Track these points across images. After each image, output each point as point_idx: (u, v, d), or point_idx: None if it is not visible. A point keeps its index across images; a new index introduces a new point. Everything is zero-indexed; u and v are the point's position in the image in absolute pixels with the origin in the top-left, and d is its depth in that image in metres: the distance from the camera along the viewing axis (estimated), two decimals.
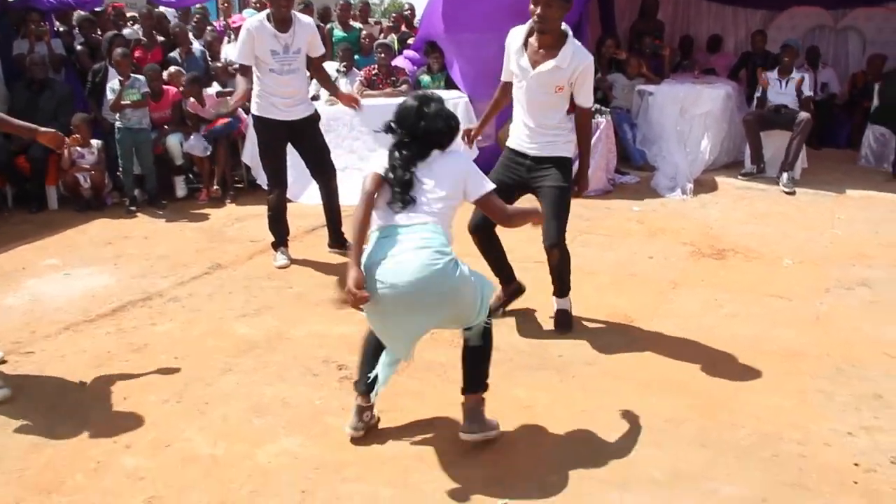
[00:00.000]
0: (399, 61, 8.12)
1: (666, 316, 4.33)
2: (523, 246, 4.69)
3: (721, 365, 3.72)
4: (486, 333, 3.04)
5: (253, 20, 5.07)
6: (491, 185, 3.00)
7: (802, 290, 4.66)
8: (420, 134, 2.92)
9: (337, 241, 5.50)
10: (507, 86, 4.14)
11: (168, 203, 7.06)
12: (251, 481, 2.85)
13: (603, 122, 6.96)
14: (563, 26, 3.82)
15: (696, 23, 10.15)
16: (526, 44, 3.89)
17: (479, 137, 7.21)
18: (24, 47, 7.37)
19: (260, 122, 5.21)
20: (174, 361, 3.86)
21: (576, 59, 3.79)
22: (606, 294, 4.67)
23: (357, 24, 9.20)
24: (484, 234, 4.15)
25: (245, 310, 4.53)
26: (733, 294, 4.64)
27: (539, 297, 4.40)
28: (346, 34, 8.70)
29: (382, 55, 7.55)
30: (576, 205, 6.53)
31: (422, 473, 2.87)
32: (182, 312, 4.52)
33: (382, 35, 9.26)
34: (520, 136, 4.05)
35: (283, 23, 4.98)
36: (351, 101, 5.92)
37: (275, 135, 5.20)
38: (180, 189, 7.32)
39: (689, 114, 7.65)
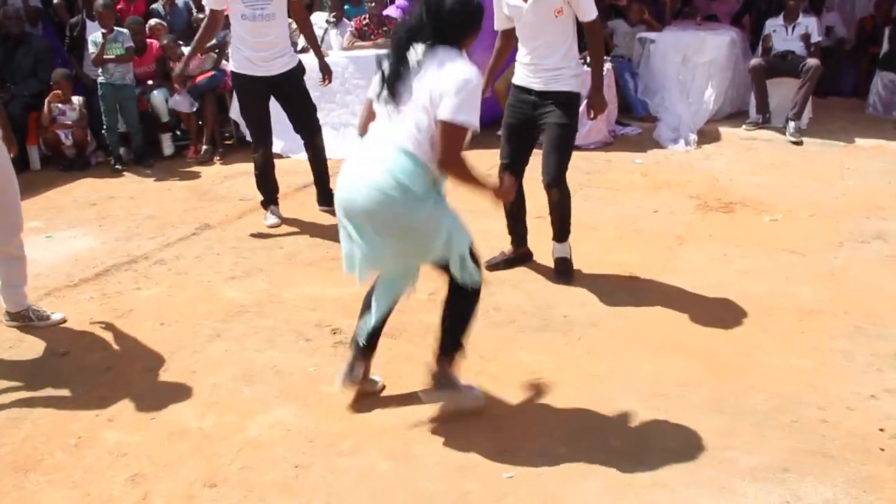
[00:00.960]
0: (391, 11, 7.81)
1: (674, 272, 4.15)
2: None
3: (734, 324, 3.55)
4: (467, 294, 2.76)
5: None
6: (465, 119, 2.47)
7: (816, 245, 4.47)
8: (432, 12, 2.54)
9: (325, 200, 5.15)
10: (506, 34, 3.94)
11: (155, 162, 6.83)
12: (242, 456, 2.68)
13: (603, 70, 6.68)
14: None
15: None
16: None
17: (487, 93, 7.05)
18: None
19: (236, 79, 4.84)
20: (160, 328, 3.68)
21: None
22: (611, 250, 4.48)
23: None
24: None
25: (234, 272, 4.34)
26: (743, 249, 4.46)
27: (541, 254, 4.22)
28: None
29: (373, 4, 7.24)
30: (575, 157, 6.35)
31: (422, 445, 2.71)
32: (168, 276, 4.33)
33: None
34: (523, 72, 3.89)
35: None
36: (324, 77, 5.12)
37: (253, 92, 4.77)
38: (167, 147, 7.07)
39: (691, 62, 7.38)
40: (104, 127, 6.64)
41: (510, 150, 3.98)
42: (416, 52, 2.56)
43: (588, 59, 4.08)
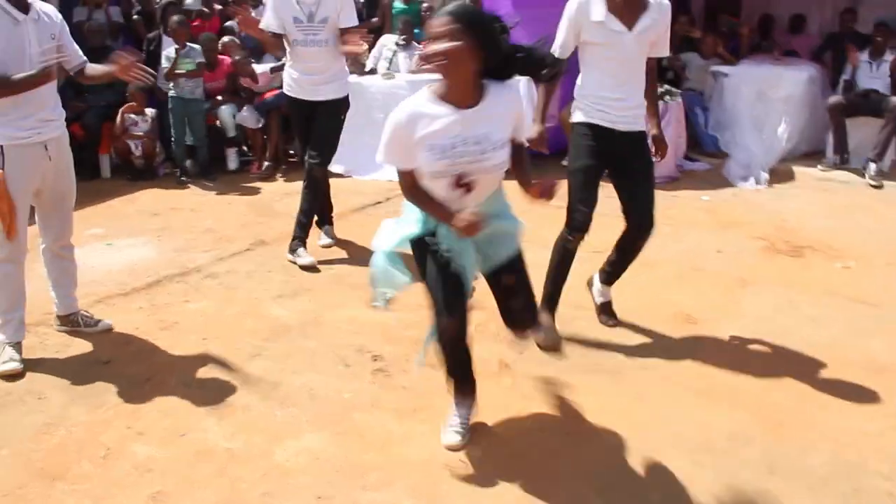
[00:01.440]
0: None
1: (733, 317, 3.95)
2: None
3: (794, 376, 3.33)
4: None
5: None
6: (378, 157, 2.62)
7: (892, 296, 4.20)
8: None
9: (300, 238, 4.81)
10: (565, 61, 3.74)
11: (219, 175, 6.93)
12: (265, 481, 2.62)
13: (673, 104, 6.52)
14: None
15: (777, 1, 9.49)
16: (609, 5, 3.39)
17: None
18: (84, 14, 7.31)
19: (286, 100, 4.88)
20: (202, 343, 3.67)
21: (661, 5, 3.42)
22: (668, 289, 4.30)
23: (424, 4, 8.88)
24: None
25: (283, 290, 4.31)
26: (811, 296, 4.22)
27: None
28: (406, 6, 8.38)
29: None
30: None
31: (450, 484, 2.60)
32: (218, 290, 4.33)
33: None
34: (605, 110, 3.47)
35: None
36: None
37: (299, 115, 4.78)
38: (232, 161, 7.17)
39: (766, 97, 7.13)
40: (172, 139, 6.78)
41: (589, 196, 3.63)
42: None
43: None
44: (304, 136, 4.86)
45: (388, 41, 7.74)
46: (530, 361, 3.43)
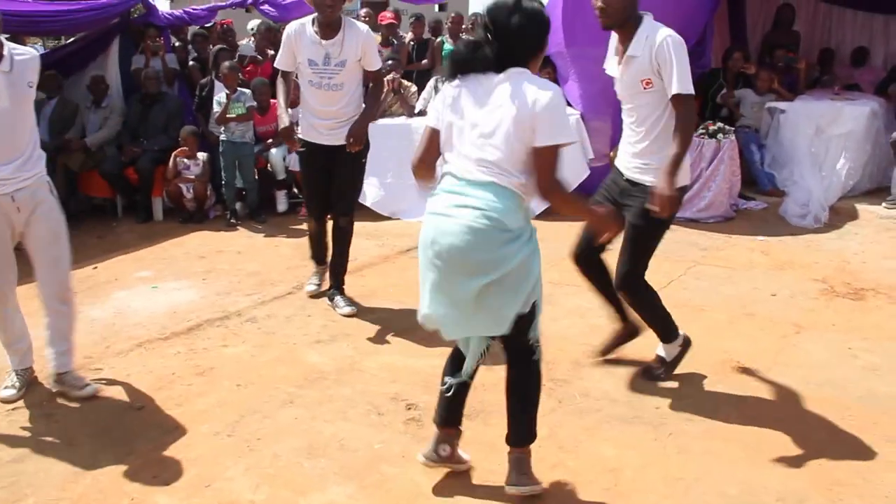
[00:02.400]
0: None
1: (787, 365, 3.75)
2: None
3: (853, 431, 3.12)
4: (534, 363, 2.69)
5: (295, 23, 4.48)
6: (564, 138, 2.41)
7: None
8: (504, 30, 2.42)
9: (338, 289, 4.72)
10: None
11: (268, 217, 6.99)
12: None
13: (727, 142, 6.34)
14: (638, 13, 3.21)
15: (839, 34, 9.23)
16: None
17: (591, 156, 6.85)
18: (141, 62, 7.52)
19: (301, 144, 4.60)
20: (236, 389, 3.64)
21: (649, 40, 3.14)
22: (719, 336, 4.11)
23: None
24: (588, 263, 3.62)
25: (321, 335, 4.27)
26: (872, 343, 3.99)
27: (641, 337, 3.91)
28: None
29: None
30: (691, 232, 6.10)
31: None
32: (256, 334, 4.31)
33: None
34: (620, 153, 3.51)
35: (327, 28, 4.30)
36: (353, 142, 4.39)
37: (313, 160, 4.56)
38: (281, 204, 7.23)
39: (826, 133, 6.89)
40: (223, 182, 6.88)
41: (586, 235, 3.50)
42: (486, 74, 2.46)
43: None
44: (315, 185, 4.70)
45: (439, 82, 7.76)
46: (568, 410, 3.29)
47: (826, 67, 8.66)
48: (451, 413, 2.80)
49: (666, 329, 3.55)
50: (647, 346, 3.72)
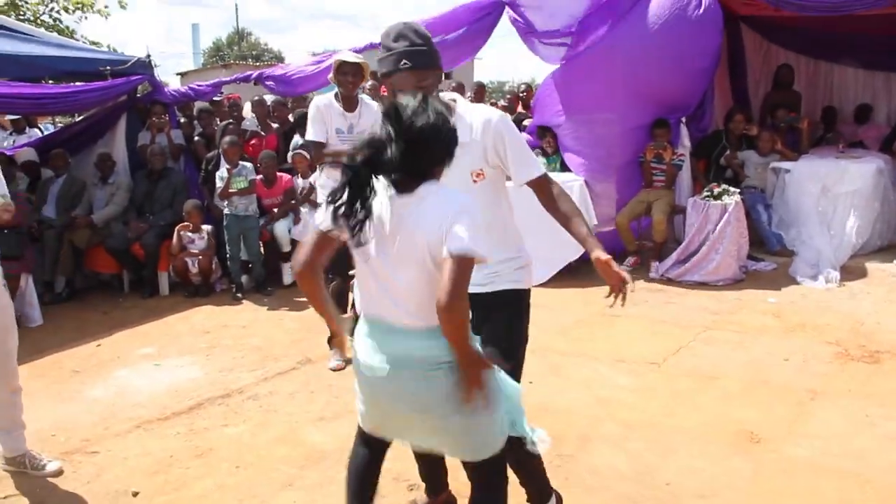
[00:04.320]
0: None
1: (802, 435, 3.62)
2: (636, 343, 4.14)
3: None
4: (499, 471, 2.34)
5: (321, 98, 4.90)
6: (477, 247, 2.00)
7: None
8: (404, 129, 2.05)
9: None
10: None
11: (274, 290, 6.96)
12: None
13: (732, 203, 6.30)
14: (446, 94, 2.63)
15: (842, 92, 9.26)
16: None
17: (595, 222, 6.83)
18: (147, 138, 7.62)
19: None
20: (235, 472, 3.54)
21: (479, 122, 2.54)
22: (731, 405, 4.00)
23: None
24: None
25: (323, 412, 4.18)
26: (890, 409, 3.86)
27: (651, 409, 3.82)
28: None
29: None
30: (701, 295, 6.02)
31: None
32: (258, 413, 4.23)
33: None
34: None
35: (349, 102, 4.83)
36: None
37: None
38: (287, 276, 7.20)
39: (832, 192, 6.83)
40: (228, 255, 6.88)
41: None
42: (382, 185, 2.11)
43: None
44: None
45: None
46: (576, 488, 3.17)
47: (830, 125, 8.68)
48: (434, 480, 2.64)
49: (543, 489, 2.82)
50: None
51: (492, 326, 2.51)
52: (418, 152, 2.06)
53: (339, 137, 4.77)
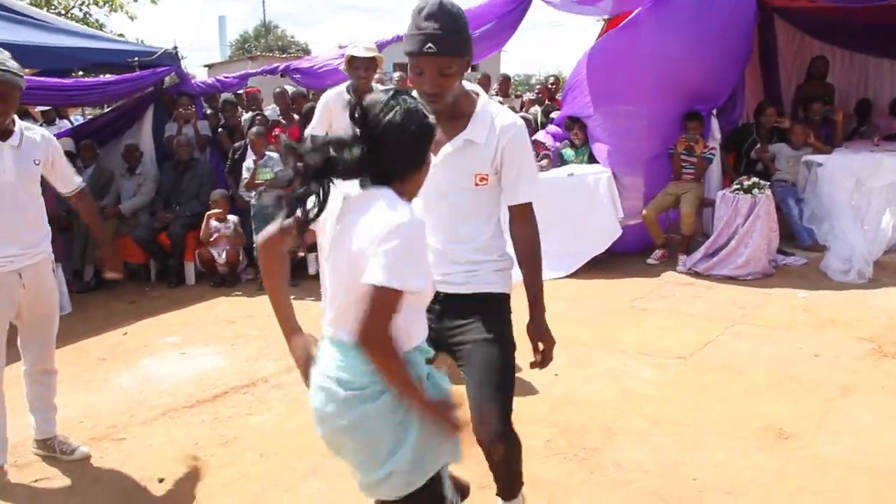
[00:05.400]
0: (541, 135, 7.77)
1: (832, 432, 3.55)
2: (663, 336, 4.08)
3: None
4: None
5: (331, 91, 4.68)
6: (398, 281, 1.76)
7: None
8: (369, 129, 1.86)
9: None
10: None
11: (300, 281, 6.97)
12: None
13: (762, 197, 6.20)
14: (469, 85, 2.47)
15: (876, 84, 9.08)
16: None
17: (623, 215, 6.76)
18: (174, 129, 7.67)
19: None
20: (259, 460, 3.55)
21: (498, 127, 2.38)
22: (759, 400, 3.93)
23: (498, 99, 8.98)
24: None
25: None
26: None
27: (677, 403, 3.76)
28: None
29: None
30: (729, 289, 5.94)
31: None
32: (282, 402, 4.24)
33: (523, 109, 8.98)
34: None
35: (362, 95, 4.59)
36: None
37: None
38: (312, 266, 7.22)
39: (866, 186, 6.69)
40: (254, 245, 6.91)
41: None
42: (338, 186, 1.90)
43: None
44: None
45: None
46: (600, 482, 3.14)
47: (864, 118, 8.51)
48: None
49: (520, 478, 2.65)
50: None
51: (473, 331, 2.39)
52: (384, 153, 1.86)
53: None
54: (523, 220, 2.46)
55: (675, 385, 4.12)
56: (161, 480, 3.41)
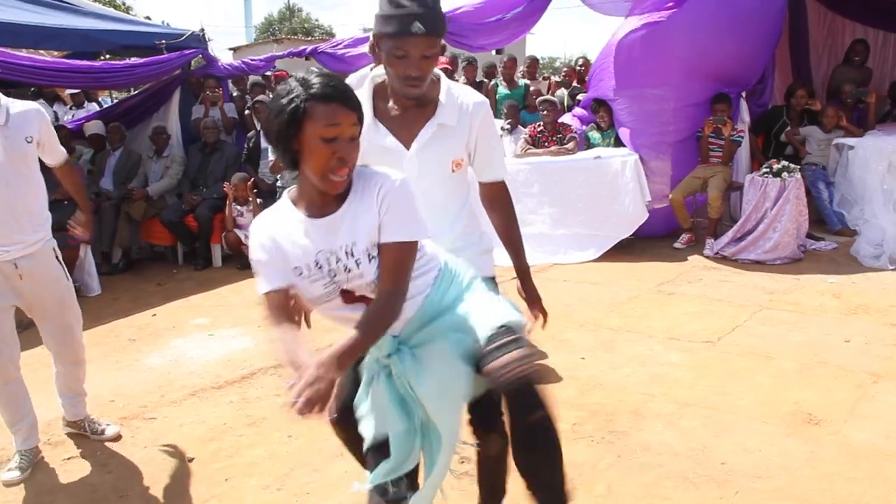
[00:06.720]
0: (567, 118, 7.72)
1: (863, 418, 3.51)
2: (690, 321, 4.05)
3: None
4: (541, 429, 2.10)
5: (355, 76, 4.65)
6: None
7: None
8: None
9: None
10: None
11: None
12: None
13: (791, 180, 6.11)
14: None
15: None
16: (376, 111, 2.35)
17: (649, 198, 6.71)
18: (201, 112, 7.72)
19: None
20: (286, 441, 3.58)
21: (469, 106, 2.32)
22: (788, 386, 3.90)
23: (524, 81, 8.92)
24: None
25: None
26: None
27: (705, 387, 3.74)
28: (510, 91, 8.42)
29: (545, 112, 7.19)
30: (757, 274, 5.88)
31: None
32: None
33: (550, 91, 8.91)
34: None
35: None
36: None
37: None
38: None
39: None
40: None
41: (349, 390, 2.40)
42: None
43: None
44: None
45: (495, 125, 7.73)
46: (628, 465, 3.13)
47: None
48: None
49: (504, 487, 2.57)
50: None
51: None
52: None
53: None
54: (503, 196, 2.46)
55: (702, 370, 4.10)
56: (191, 460, 3.46)
